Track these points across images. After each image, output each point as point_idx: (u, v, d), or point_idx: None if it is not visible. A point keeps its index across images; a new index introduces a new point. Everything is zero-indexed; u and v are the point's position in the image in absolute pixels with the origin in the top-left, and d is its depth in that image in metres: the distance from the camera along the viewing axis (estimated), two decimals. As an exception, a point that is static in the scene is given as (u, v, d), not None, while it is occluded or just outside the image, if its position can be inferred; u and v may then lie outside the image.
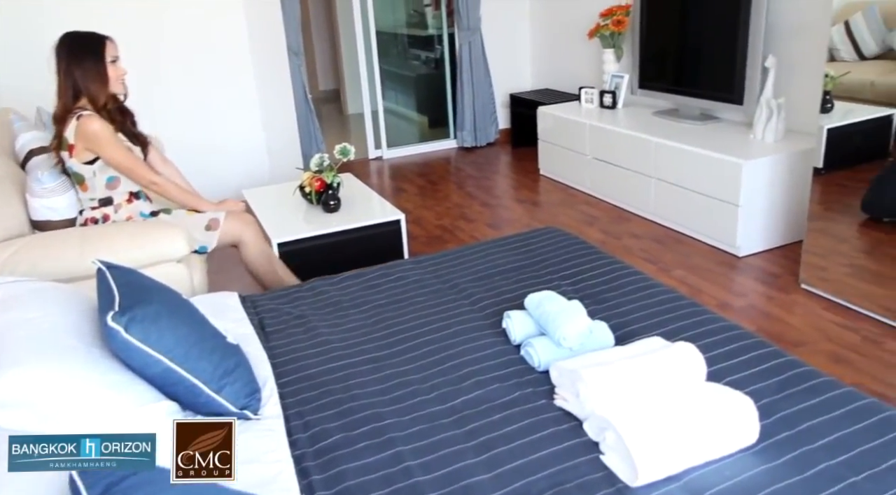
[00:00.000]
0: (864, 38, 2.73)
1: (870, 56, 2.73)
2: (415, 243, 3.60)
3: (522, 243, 2.47)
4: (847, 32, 2.77)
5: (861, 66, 2.76)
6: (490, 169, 4.99)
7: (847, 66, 2.78)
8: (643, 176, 3.72)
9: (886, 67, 2.68)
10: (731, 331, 1.79)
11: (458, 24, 5.18)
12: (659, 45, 4.02)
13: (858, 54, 2.77)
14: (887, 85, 2.67)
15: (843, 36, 2.77)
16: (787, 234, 3.27)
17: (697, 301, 2.03)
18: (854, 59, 2.77)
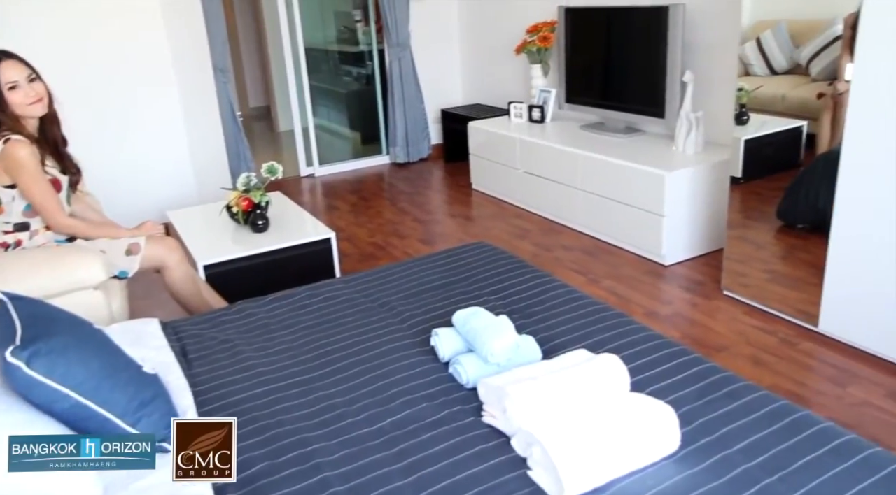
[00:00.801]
0: (774, 54, 2.87)
1: (780, 71, 2.86)
2: (347, 261, 3.56)
3: (452, 259, 2.47)
4: (759, 49, 2.90)
5: (773, 80, 2.89)
6: (423, 184, 5.00)
7: (760, 81, 2.91)
8: (572, 188, 3.79)
9: (795, 82, 2.82)
10: (655, 340, 1.83)
11: (388, 41, 5.20)
12: (584, 60, 4.12)
13: (770, 69, 2.90)
14: (797, 98, 2.80)
15: (756, 52, 2.91)
16: (709, 242, 3.39)
17: (624, 311, 2.07)
18: (766, 74, 2.90)
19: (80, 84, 3.81)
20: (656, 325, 2.75)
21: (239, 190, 3.11)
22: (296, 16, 5.02)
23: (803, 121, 2.77)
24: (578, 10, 4.04)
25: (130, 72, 3.97)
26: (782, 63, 2.85)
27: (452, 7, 5.51)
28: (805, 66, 2.72)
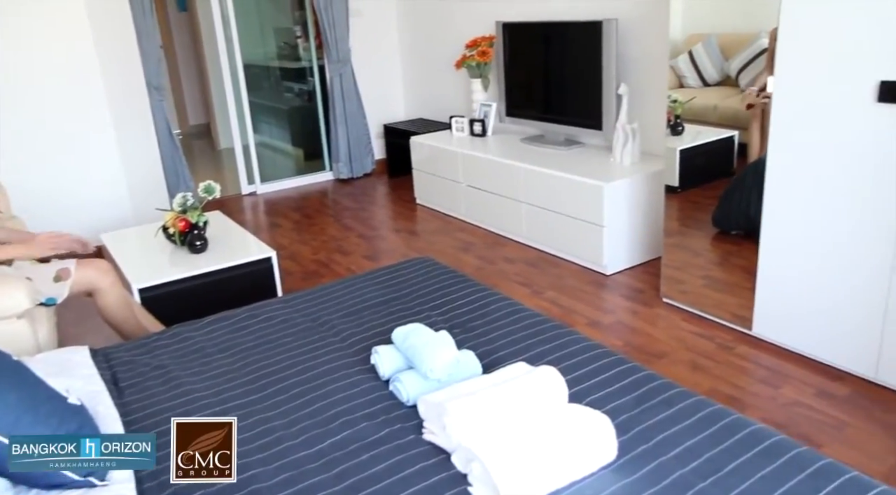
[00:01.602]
0: (706, 66, 2.96)
1: (712, 83, 2.96)
2: (290, 279, 3.51)
3: (393, 275, 2.46)
4: (692, 61, 2.99)
5: (705, 91, 2.99)
6: (367, 200, 4.98)
7: (693, 92, 3.00)
8: (514, 201, 3.83)
9: (726, 93, 2.91)
10: (593, 351, 1.86)
11: (328, 57, 5.17)
12: (523, 74, 4.18)
13: (702, 81, 2.99)
14: (728, 109, 2.89)
15: (688, 64, 3.00)
16: (648, 251, 3.46)
17: (564, 323, 2.10)
18: (699, 86, 3.00)
19: (4, 102, 3.66)
20: (599, 335, 2.79)
21: (175, 210, 3.04)
22: (233, 32, 4.96)
23: (735, 130, 2.86)
24: (515, 25, 4.11)
25: (58, 90, 3.83)
26: (713, 75, 2.94)
27: (392, 23, 5.53)
28: (735, 77, 2.82)
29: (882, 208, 2.17)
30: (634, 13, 3.51)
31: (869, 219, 2.21)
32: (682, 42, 2.99)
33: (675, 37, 3.00)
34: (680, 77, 3.04)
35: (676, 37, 3.00)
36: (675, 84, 3.05)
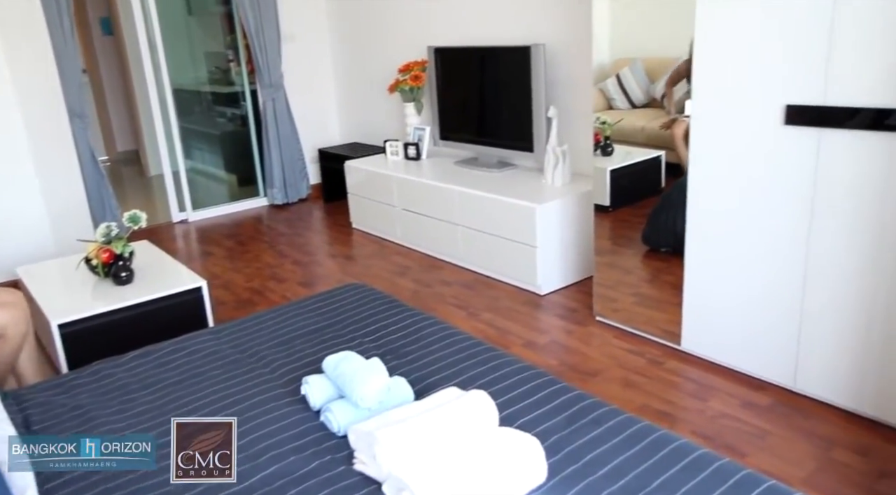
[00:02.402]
0: (633, 89, 3.06)
1: (639, 104, 3.05)
2: (222, 309, 3.42)
3: (326, 302, 2.43)
4: (619, 84, 3.09)
5: (633, 113, 3.08)
6: (302, 225, 4.92)
7: (621, 114, 3.08)
8: (450, 224, 3.85)
9: (653, 114, 3.01)
10: (525, 372, 1.87)
11: (261, 81, 5.12)
12: (456, 98, 4.23)
13: (630, 103, 3.09)
14: (655, 130, 2.99)
15: (616, 87, 3.09)
16: (581, 270, 3.52)
17: (496, 345, 2.11)
18: (627, 108, 3.09)
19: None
20: (534, 355, 2.82)
21: (98, 241, 2.93)
22: (161, 56, 4.86)
23: (662, 150, 2.96)
24: (447, 49, 4.16)
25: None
26: (640, 97, 3.04)
27: (325, 47, 5.52)
28: (660, 99, 2.92)
29: (793, 225, 2.28)
30: (561, 39, 3.61)
31: (782, 236, 2.32)
32: (610, 66, 3.08)
33: (603, 61, 3.09)
34: (609, 99, 3.13)
35: (604, 61, 3.09)
36: (604, 106, 3.13)
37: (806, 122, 2.18)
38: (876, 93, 2.00)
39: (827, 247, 2.22)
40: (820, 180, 2.19)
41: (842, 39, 2.04)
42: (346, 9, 5.24)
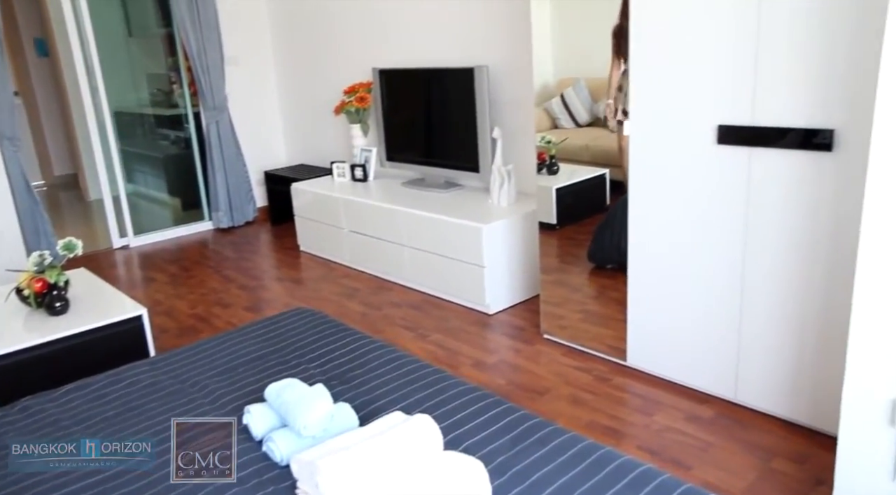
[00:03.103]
0: (577, 108, 3.12)
1: (583, 124, 3.11)
2: (165, 337, 3.33)
3: (270, 328, 2.39)
4: (564, 104, 3.14)
5: (578, 132, 3.14)
6: (249, 249, 4.84)
7: (566, 133, 3.14)
8: (398, 245, 3.84)
9: (597, 133, 3.07)
10: (471, 394, 1.87)
11: (204, 104, 5.05)
12: (401, 119, 4.24)
13: (575, 122, 3.14)
14: (599, 148, 3.05)
15: (561, 107, 3.14)
16: (529, 289, 3.55)
17: (442, 367, 2.10)
18: (572, 127, 3.14)
19: None
20: (483, 375, 2.82)
21: (30, 270, 2.82)
22: (98, 79, 4.74)
23: (606, 168, 3.01)
24: (392, 71, 4.18)
25: None
26: (584, 116, 3.10)
27: (270, 69, 5.49)
28: (603, 118, 2.98)
29: (728, 240, 2.35)
30: (503, 60, 3.67)
31: (719, 253, 2.38)
32: (554, 86, 3.14)
33: (547, 81, 3.14)
34: (554, 119, 3.19)
35: (549, 81, 3.15)
36: (550, 125, 3.18)
37: (737, 142, 2.25)
38: (801, 113, 2.09)
39: (762, 263, 2.29)
40: (752, 198, 2.26)
41: (767, 62, 2.12)
42: (291, 31, 5.22)
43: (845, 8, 1.92)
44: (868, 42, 1.89)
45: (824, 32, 1.98)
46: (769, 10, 2.08)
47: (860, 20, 1.90)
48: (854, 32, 1.92)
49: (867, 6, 1.88)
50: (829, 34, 1.97)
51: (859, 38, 1.91)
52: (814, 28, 2.00)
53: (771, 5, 2.07)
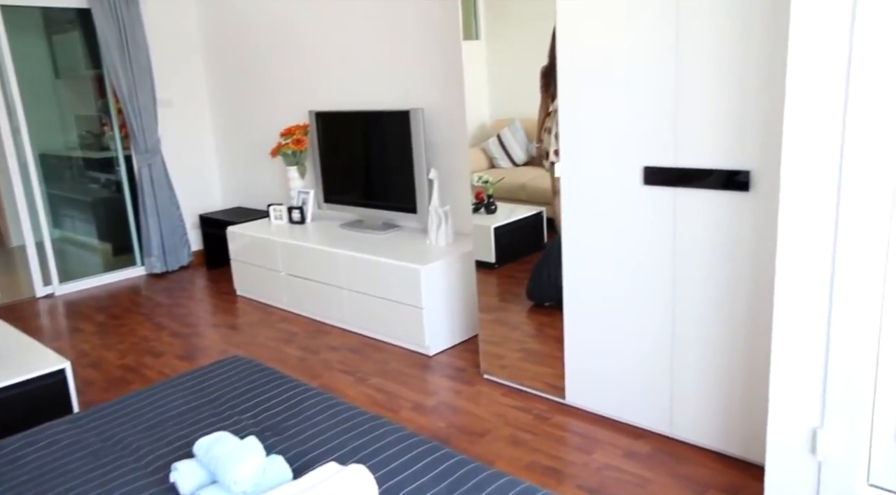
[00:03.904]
0: (513, 148, 3.17)
1: (520, 163, 3.16)
2: (91, 391, 3.18)
3: (202, 378, 2.31)
4: (500, 143, 3.20)
5: (514, 171, 3.18)
6: (183, 294, 4.71)
7: (503, 173, 3.18)
8: (336, 288, 3.80)
9: (533, 172, 3.12)
10: (408, 440, 1.84)
11: (135, 147, 4.94)
12: (339, 161, 4.24)
13: (512, 161, 3.19)
14: (535, 187, 3.09)
15: (498, 147, 3.19)
16: (468, 329, 3.56)
17: (384, 410, 2.07)
18: (509, 166, 3.19)
19: None
20: (423, 418, 2.79)
21: (-58, 324, 2.67)
22: (20, 120, 4.59)
23: (543, 206, 3.07)
24: (328, 114, 4.19)
25: None
26: (521, 156, 3.16)
27: (205, 111, 5.43)
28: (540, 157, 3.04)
29: (658, 278, 2.42)
30: (438, 103, 3.73)
31: (650, 290, 2.45)
32: (491, 126, 3.20)
33: (484, 121, 3.20)
34: (491, 158, 3.23)
35: (486, 121, 3.21)
36: (487, 165, 3.23)
37: (662, 182, 2.34)
38: (721, 155, 2.19)
39: (691, 299, 2.36)
40: (679, 236, 2.34)
41: (686, 107, 2.22)
42: (226, 73, 5.19)
43: (755, 57, 2.04)
44: (776, 89, 2.01)
45: (737, 80, 2.09)
46: (687, 58, 2.19)
47: (769, 68, 2.02)
48: (764, 80, 2.04)
49: (773, 56, 1.99)
50: (741, 82, 2.09)
51: (769, 86, 2.03)
52: (726, 76, 2.11)
53: (688, 54, 2.18)
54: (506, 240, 3.26)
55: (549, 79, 2.68)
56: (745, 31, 2.04)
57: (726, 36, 2.08)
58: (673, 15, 2.18)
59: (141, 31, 4.82)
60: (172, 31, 5.15)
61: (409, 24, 3.78)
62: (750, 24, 2.03)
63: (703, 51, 2.14)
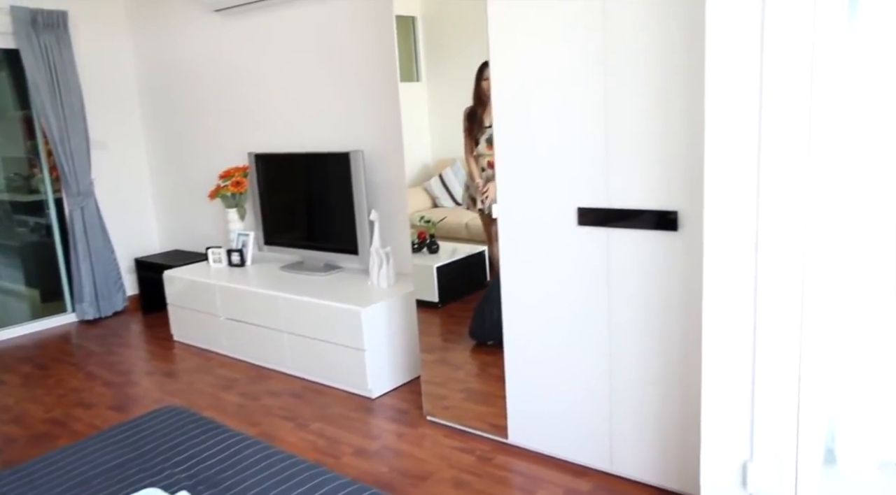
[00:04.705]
0: (455, 187, 3.21)
1: (462, 202, 3.20)
2: (13, 448, 3.02)
3: (133, 431, 2.23)
4: (442, 183, 3.23)
5: (456, 211, 3.22)
6: (117, 341, 4.54)
7: (446, 212, 3.22)
8: (276, 331, 3.74)
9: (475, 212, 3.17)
10: (346, 489, 1.81)
11: (67, 190, 4.80)
12: (279, 203, 4.22)
13: (454, 201, 3.23)
14: (477, 226, 3.13)
15: (440, 186, 3.23)
16: (412, 370, 3.54)
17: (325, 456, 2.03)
18: (452, 206, 3.23)
19: None
20: (365, 463, 2.75)
21: None
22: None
23: (485, 245, 3.11)
24: (268, 155, 4.17)
25: None
26: (462, 195, 3.20)
27: (141, 154, 5.33)
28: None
29: (594, 315, 2.47)
30: (378, 145, 3.77)
31: (586, 329, 2.50)
32: (433, 166, 3.24)
33: (426, 162, 3.24)
34: (434, 198, 3.27)
35: (428, 162, 3.25)
36: (430, 205, 3.26)
37: (595, 223, 2.41)
38: (650, 196, 2.27)
39: (625, 338, 2.42)
40: (613, 275, 2.41)
41: (615, 150, 2.31)
42: (163, 115, 5.13)
43: (678, 104, 2.14)
44: (699, 134, 2.11)
45: (663, 126, 2.19)
46: (616, 105, 2.28)
47: (690, 115, 2.12)
48: (686, 125, 2.14)
49: (693, 103, 2.10)
50: (667, 127, 2.18)
51: (691, 131, 2.13)
52: (653, 121, 2.21)
53: (616, 100, 2.27)
54: (449, 279, 3.28)
55: (472, 121, 2.74)
56: (669, 79, 2.14)
57: (653, 83, 2.18)
58: (601, 64, 2.28)
59: (73, 72, 4.73)
60: (107, 72, 5.07)
61: (350, 66, 3.83)
62: (672, 73, 2.13)
63: (630, 97, 2.24)
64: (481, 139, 2.81)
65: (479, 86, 2.64)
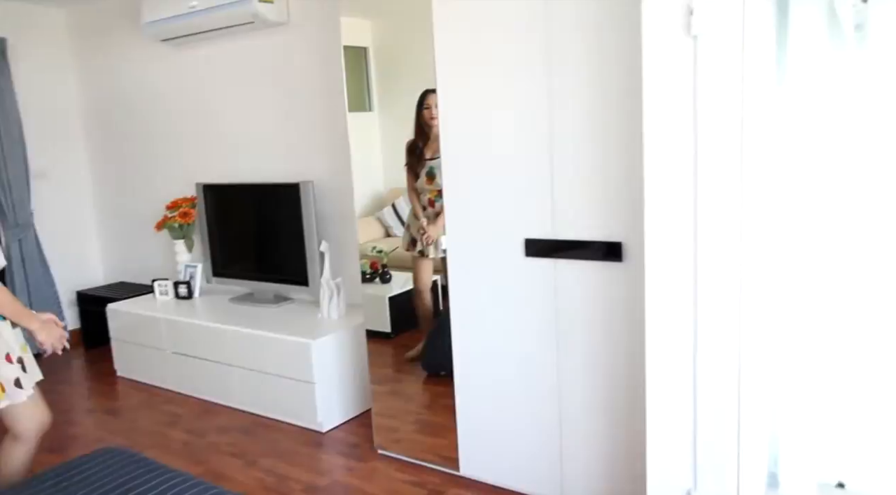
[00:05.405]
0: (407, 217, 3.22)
1: (414, 231, 3.21)
2: (-59, 494, 2.86)
3: (69, 475, 2.14)
4: (395, 213, 3.24)
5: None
6: (56, 378, 4.37)
7: (398, 242, 3.21)
8: (224, 365, 3.66)
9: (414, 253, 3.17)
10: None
11: (4, 222, 4.64)
12: (228, 234, 4.15)
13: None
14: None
15: (392, 216, 3.23)
16: (362, 403, 3.50)
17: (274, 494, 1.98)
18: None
19: None
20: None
21: None
22: None
23: (438, 275, 3.10)
24: (216, 186, 4.12)
25: None
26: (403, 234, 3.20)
27: (85, 184, 5.19)
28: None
29: (542, 344, 2.49)
30: (328, 176, 3.76)
31: (535, 355, 2.51)
32: (386, 195, 3.24)
33: (379, 191, 3.24)
34: (387, 227, 3.27)
35: (380, 191, 3.25)
36: (383, 234, 3.25)
37: (542, 254, 2.44)
38: (594, 228, 2.32)
39: (573, 367, 2.44)
40: (560, 305, 2.43)
41: (561, 182, 2.35)
42: (108, 144, 5.02)
43: (618, 139, 2.20)
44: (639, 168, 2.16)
45: (605, 159, 2.24)
46: (559, 138, 2.33)
47: (631, 150, 2.18)
48: (627, 159, 2.20)
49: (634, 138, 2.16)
50: (608, 161, 2.24)
51: (633, 165, 2.19)
52: (598, 156, 2.26)
53: (560, 133, 2.32)
54: (401, 309, 3.27)
55: (413, 154, 2.76)
56: (609, 115, 2.20)
57: (595, 118, 2.24)
58: (546, 96, 2.32)
59: (12, 101, 4.60)
60: (49, 100, 4.95)
61: (299, 96, 3.83)
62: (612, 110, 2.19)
63: (573, 130, 2.29)
64: (421, 173, 2.83)
65: (419, 115, 2.67)
